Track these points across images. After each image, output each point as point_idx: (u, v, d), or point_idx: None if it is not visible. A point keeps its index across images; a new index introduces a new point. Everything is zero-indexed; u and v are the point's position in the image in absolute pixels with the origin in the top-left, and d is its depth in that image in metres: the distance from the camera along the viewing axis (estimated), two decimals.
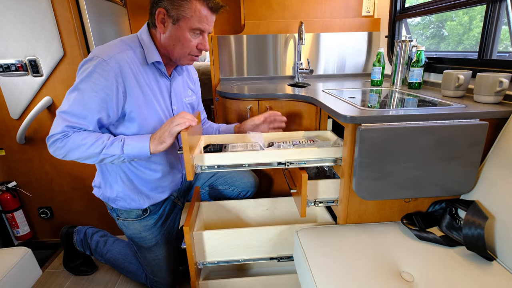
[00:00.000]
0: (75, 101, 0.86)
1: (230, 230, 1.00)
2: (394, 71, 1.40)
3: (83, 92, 0.86)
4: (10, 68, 1.32)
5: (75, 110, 0.86)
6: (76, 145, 0.85)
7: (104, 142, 0.87)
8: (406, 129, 0.80)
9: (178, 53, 0.94)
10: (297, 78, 1.74)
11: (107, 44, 0.92)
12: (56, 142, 0.85)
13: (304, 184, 0.87)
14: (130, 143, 0.89)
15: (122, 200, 1.07)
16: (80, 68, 0.88)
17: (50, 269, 1.46)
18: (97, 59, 0.86)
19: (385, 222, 0.97)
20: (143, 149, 0.90)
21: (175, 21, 0.89)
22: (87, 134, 0.87)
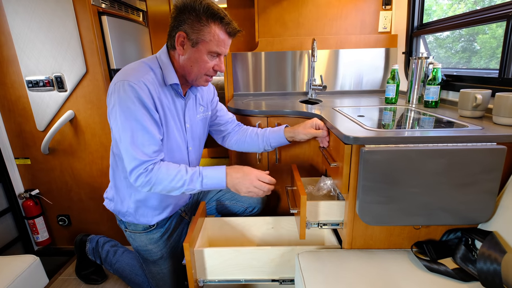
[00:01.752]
0: (138, 129, 0.89)
1: (231, 248, 0.99)
2: (409, 88, 1.35)
3: (137, 120, 0.89)
4: (38, 84, 1.43)
5: (145, 139, 0.90)
6: (159, 179, 0.91)
7: (184, 177, 0.93)
8: (413, 152, 0.76)
9: (195, 74, 0.98)
10: (310, 94, 1.73)
11: (131, 68, 0.94)
12: (140, 176, 0.90)
13: (303, 206, 0.85)
14: (208, 182, 0.95)
15: (132, 216, 1.10)
16: (112, 95, 0.90)
17: (64, 275, 1.51)
18: (129, 84, 0.88)
19: (393, 250, 0.91)
20: (220, 185, 0.97)
21: (194, 44, 0.93)
22: (166, 167, 0.92)
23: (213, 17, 0.90)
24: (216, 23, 0.91)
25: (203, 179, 0.94)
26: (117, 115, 0.89)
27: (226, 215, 1.31)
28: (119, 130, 0.90)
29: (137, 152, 0.89)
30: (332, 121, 0.99)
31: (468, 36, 1.72)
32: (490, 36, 1.74)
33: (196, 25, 0.90)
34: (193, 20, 0.89)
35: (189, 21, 0.90)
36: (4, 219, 1.53)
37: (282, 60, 1.77)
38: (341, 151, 0.87)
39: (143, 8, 1.92)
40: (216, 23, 0.91)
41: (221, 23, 0.91)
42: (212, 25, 0.90)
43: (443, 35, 1.84)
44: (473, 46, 1.72)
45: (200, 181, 0.94)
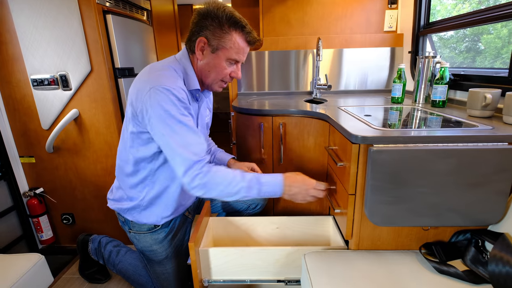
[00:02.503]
0: (184, 131, 0.87)
1: (237, 248, 0.98)
2: (416, 88, 1.34)
3: (181, 121, 0.87)
4: (43, 82, 1.43)
5: (192, 139, 0.88)
6: (215, 183, 0.88)
7: (240, 183, 0.90)
8: (422, 152, 0.75)
9: (212, 79, 0.99)
10: (314, 94, 1.72)
11: (161, 73, 0.91)
12: (197, 178, 0.86)
13: (351, 205, 0.85)
14: (267, 190, 0.92)
15: (140, 215, 1.09)
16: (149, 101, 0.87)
17: (67, 274, 1.51)
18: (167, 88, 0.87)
19: (401, 251, 0.90)
20: (276, 194, 0.94)
21: (214, 50, 0.93)
22: (222, 171, 0.90)
23: (235, 26, 0.91)
24: (237, 31, 0.92)
25: (262, 186, 0.91)
26: (159, 120, 0.87)
27: (229, 212, 1.30)
28: (164, 134, 0.87)
29: (188, 153, 0.86)
30: (338, 120, 0.98)
31: (472, 36, 1.70)
32: (495, 36, 1.71)
33: (218, 32, 0.91)
34: (215, 27, 0.90)
35: (211, 27, 0.91)
36: (9, 217, 1.54)
37: (286, 59, 1.76)
38: (348, 150, 0.86)
39: (147, 7, 1.92)
40: (237, 31, 0.92)
41: (242, 31, 0.93)
42: (234, 33, 0.92)
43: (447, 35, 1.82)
44: (478, 46, 1.70)
45: (257, 188, 0.91)
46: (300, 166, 1.28)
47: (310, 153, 1.25)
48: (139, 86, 0.91)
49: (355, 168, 0.84)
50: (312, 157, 1.25)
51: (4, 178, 1.51)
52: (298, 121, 1.24)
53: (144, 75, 0.94)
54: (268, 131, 1.28)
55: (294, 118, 1.25)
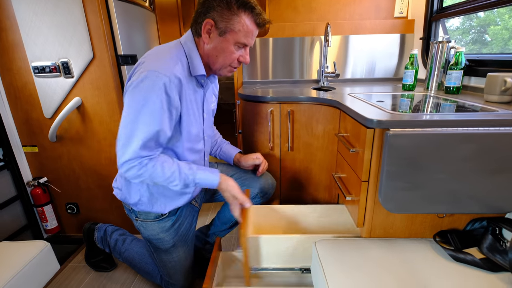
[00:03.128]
0: (147, 125, 0.86)
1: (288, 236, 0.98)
2: (429, 74, 1.30)
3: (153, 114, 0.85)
4: (45, 69, 1.40)
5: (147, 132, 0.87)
6: (152, 176, 0.91)
7: (176, 180, 0.94)
8: (441, 136, 0.72)
9: (220, 64, 0.95)
10: (322, 82, 1.68)
11: (161, 57, 0.89)
12: (133, 169, 0.89)
13: (363, 192, 0.83)
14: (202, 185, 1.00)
15: (145, 205, 1.07)
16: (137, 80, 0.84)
17: (73, 263, 1.51)
18: (162, 75, 0.84)
19: (415, 239, 0.88)
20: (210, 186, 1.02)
21: (222, 33, 0.89)
22: (161, 166, 0.91)
23: (244, 7, 0.86)
24: (246, 12, 0.87)
25: (197, 184, 0.98)
26: (135, 101, 0.85)
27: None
28: (129, 114, 0.86)
29: (139, 145, 0.86)
30: (350, 106, 0.95)
31: (479, 28, 1.66)
32: (502, 28, 1.66)
33: (226, 13, 0.86)
34: (223, 8, 0.86)
35: (219, 8, 0.86)
36: (13, 206, 1.52)
37: (292, 46, 1.71)
38: (362, 135, 0.83)
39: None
40: (246, 13, 0.87)
41: (251, 13, 0.88)
42: (242, 14, 0.87)
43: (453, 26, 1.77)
44: (484, 38, 1.66)
45: (193, 186, 0.99)
46: (309, 154, 1.26)
47: (319, 140, 1.22)
48: (136, 71, 0.89)
49: (369, 154, 0.81)
50: (321, 145, 1.23)
51: (7, 167, 1.50)
52: (307, 108, 1.21)
53: (146, 59, 0.90)
54: (276, 119, 1.25)
55: (302, 105, 1.22)
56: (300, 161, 1.28)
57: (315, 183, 1.29)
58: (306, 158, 1.27)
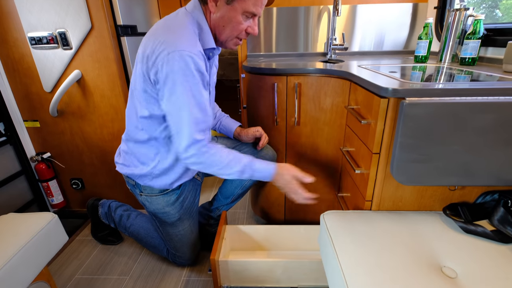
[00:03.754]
0: (196, 107, 0.86)
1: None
2: (443, 45, 1.24)
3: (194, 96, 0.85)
4: (42, 40, 1.34)
5: (202, 117, 0.88)
6: (210, 165, 0.93)
7: (234, 168, 0.94)
8: (459, 106, 0.68)
9: (226, 35, 0.91)
10: (329, 55, 1.62)
11: (179, 34, 0.84)
12: (194, 157, 0.90)
13: (374, 165, 0.82)
14: (258, 176, 0.98)
15: (152, 180, 1.07)
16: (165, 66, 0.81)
17: (81, 236, 1.53)
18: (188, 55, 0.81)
19: (424, 212, 0.87)
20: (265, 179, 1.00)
21: (229, 2, 0.84)
22: (219, 154, 0.92)
23: None
24: None
25: (254, 172, 0.97)
26: (174, 90, 0.83)
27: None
28: (176, 105, 0.85)
29: (194, 131, 0.87)
30: (363, 76, 0.91)
31: (490, 2, 1.57)
32: None
33: None
34: None
35: None
36: (19, 181, 1.53)
37: (298, 16, 1.63)
38: (374, 106, 0.80)
39: None
40: None
41: None
42: None
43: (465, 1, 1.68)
44: (495, 13, 1.58)
45: (250, 174, 0.96)
46: (316, 129, 1.23)
47: (326, 114, 1.19)
48: (155, 47, 0.83)
49: (382, 125, 0.78)
50: (329, 119, 1.19)
51: (10, 142, 1.48)
52: (315, 81, 1.16)
53: (160, 33, 0.85)
54: (282, 92, 1.21)
55: (310, 78, 1.17)
56: (307, 136, 1.26)
57: (321, 158, 1.27)
58: (313, 133, 1.24)
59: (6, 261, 0.71)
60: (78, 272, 1.29)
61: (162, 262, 1.34)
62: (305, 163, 1.32)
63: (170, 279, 1.24)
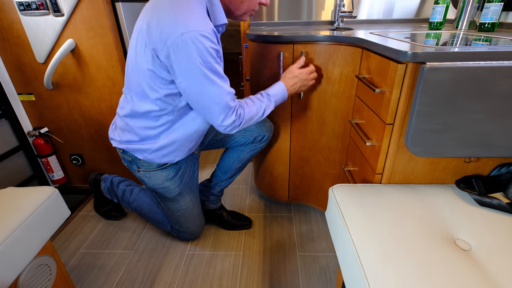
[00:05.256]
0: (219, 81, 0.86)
1: None
2: (460, 11, 1.16)
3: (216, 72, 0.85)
4: (31, 6, 1.25)
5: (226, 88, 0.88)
6: (246, 121, 0.96)
7: (262, 108, 0.99)
8: (484, 70, 0.63)
9: (244, 9, 0.91)
10: (337, 23, 1.53)
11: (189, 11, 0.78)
12: (234, 123, 0.93)
13: (387, 136, 0.78)
14: (277, 99, 1.04)
15: (153, 154, 1.02)
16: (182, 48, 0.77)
17: (84, 212, 1.53)
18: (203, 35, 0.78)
19: (436, 185, 0.84)
20: (284, 96, 1.05)
21: None
22: (248, 108, 0.96)
23: None
24: None
25: (273, 98, 1.02)
26: (194, 70, 0.80)
27: (235, 146, 1.26)
28: (201, 85, 0.83)
29: (224, 103, 0.88)
30: (376, 41, 0.84)
31: None
32: None
33: None
34: None
35: None
36: (17, 156, 1.50)
37: None
38: (390, 73, 0.74)
39: None
40: None
41: None
42: None
43: None
44: None
45: (273, 101, 1.02)
46: (323, 101, 1.18)
47: (335, 85, 1.13)
48: (164, 26, 0.76)
49: (397, 94, 0.73)
50: (337, 90, 1.14)
51: (5, 116, 1.43)
52: (323, 49, 1.10)
53: (168, 10, 0.77)
54: (288, 61, 1.15)
55: (318, 46, 1.10)
56: (313, 108, 1.21)
57: (328, 131, 1.23)
58: (320, 105, 1.19)
59: (7, 235, 0.69)
60: (82, 247, 1.29)
61: (166, 237, 1.34)
62: (310, 137, 1.28)
63: (174, 253, 1.25)
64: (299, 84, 1.05)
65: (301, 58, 1.06)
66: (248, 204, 1.56)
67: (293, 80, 1.04)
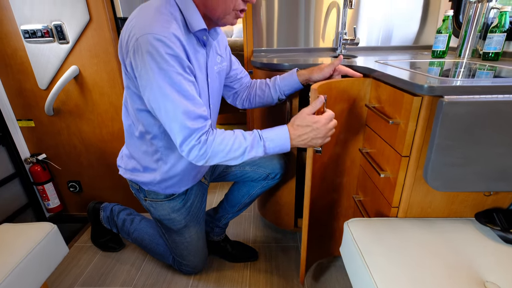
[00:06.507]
0: (177, 95, 0.73)
1: None
2: (463, 39, 1.18)
3: (175, 83, 0.72)
4: (36, 34, 1.25)
5: (187, 105, 0.74)
6: (215, 152, 0.77)
7: (243, 145, 0.78)
8: (502, 104, 0.62)
9: (221, 9, 0.77)
10: (339, 50, 1.55)
11: (150, 17, 0.72)
12: (194, 149, 0.76)
13: (403, 169, 0.75)
14: (271, 146, 0.80)
15: (157, 186, 0.99)
16: (136, 54, 0.71)
17: (79, 243, 1.45)
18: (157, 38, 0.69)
19: (455, 218, 0.81)
20: (284, 146, 0.80)
21: None
22: (221, 137, 0.77)
23: None
24: None
25: (265, 142, 0.79)
26: (149, 79, 0.72)
27: (246, 181, 1.21)
28: (156, 97, 0.73)
29: (184, 120, 0.74)
30: (388, 72, 0.84)
31: None
32: None
33: None
34: None
35: None
36: (13, 184, 1.44)
37: (306, 9, 1.56)
38: (405, 104, 0.73)
39: None
40: None
41: None
42: None
43: None
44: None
45: (262, 145, 0.79)
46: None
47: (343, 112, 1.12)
48: (124, 35, 0.74)
49: (413, 126, 0.72)
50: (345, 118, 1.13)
51: (2, 143, 1.39)
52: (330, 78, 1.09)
53: (132, 18, 0.75)
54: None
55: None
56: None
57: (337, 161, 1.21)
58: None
59: (1, 280, 0.63)
60: (77, 282, 1.21)
61: (167, 270, 1.26)
62: (318, 166, 1.25)
63: None
64: (311, 136, 0.79)
65: (319, 99, 0.79)
66: (253, 232, 1.50)
67: (303, 130, 0.79)
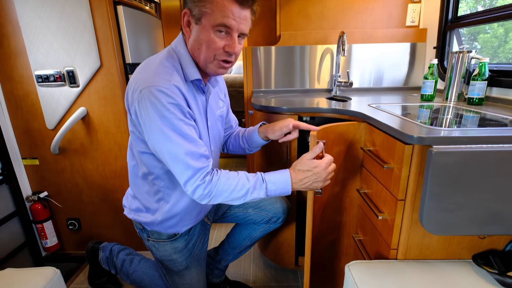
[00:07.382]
0: (179, 138, 0.78)
1: None
2: (448, 85, 1.27)
3: (176, 128, 0.78)
4: (49, 78, 1.33)
5: (190, 147, 0.79)
6: (219, 191, 0.81)
7: (246, 186, 0.82)
8: (488, 154, 0.67)
9: (203, 57, 0.82)
10: (334, 92, 1.64)
11: (153, 71, 0.80)
12: (198, 189, 0.80)
13: (399, 212, 0.78)
14: (273, 188, 0.84)
15: (159, 226, 1.01)
16: (140, 104, 0.78)
17: (76, 284, 1.42)
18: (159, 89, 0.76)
19: (453, 260, 0.83)
20: (285, 190, 0.84)
21: (197, 21, 0.79)
22: (225, 177, 0.82)
23: None
24: None
25: (267, 184, 0.83)
26: (152, 126, 0.78)
27: (248, 223, 1.22)
28: (159, 141, 0.79)
29: (187, 162, 0.78)
30: (379, 119, 0.90)
31: (469, 35, 1.67)
32: (492, 36, 1.67)
33: None
34: None
35: None
36: (12, 223, 1.43)
37: (303, 54, 1.68)
38: (398, 151, 0.78)
39: (156, 0, 1.82)
40: None
41: None
42: None
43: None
44: (474, 45, 1.68)
45: (264, 187, 0.82)
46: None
47: (340, 154, 1.17)
48: (130, 86, 0.82)
49: (407, 172, 0.76)
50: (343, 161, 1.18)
51: (6, 181, 1.41)
52: (327, 120, 1.16)
53: (137, 71, 0.84)
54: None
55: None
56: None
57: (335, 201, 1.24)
58: None
59: None
60: None
61: None
62: (318, 205, 1.28)
63: None
64: (312, 179, 0.83)
65: (318, 145, 0.84)
66: (253, 272, 1.48)
67: (304, 174, 0.83)
